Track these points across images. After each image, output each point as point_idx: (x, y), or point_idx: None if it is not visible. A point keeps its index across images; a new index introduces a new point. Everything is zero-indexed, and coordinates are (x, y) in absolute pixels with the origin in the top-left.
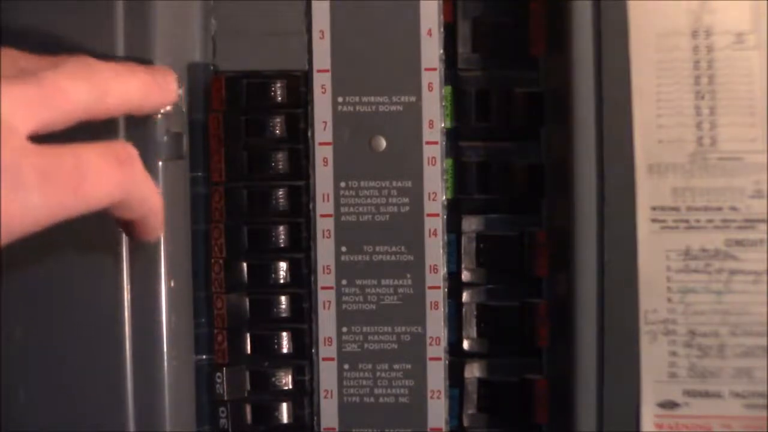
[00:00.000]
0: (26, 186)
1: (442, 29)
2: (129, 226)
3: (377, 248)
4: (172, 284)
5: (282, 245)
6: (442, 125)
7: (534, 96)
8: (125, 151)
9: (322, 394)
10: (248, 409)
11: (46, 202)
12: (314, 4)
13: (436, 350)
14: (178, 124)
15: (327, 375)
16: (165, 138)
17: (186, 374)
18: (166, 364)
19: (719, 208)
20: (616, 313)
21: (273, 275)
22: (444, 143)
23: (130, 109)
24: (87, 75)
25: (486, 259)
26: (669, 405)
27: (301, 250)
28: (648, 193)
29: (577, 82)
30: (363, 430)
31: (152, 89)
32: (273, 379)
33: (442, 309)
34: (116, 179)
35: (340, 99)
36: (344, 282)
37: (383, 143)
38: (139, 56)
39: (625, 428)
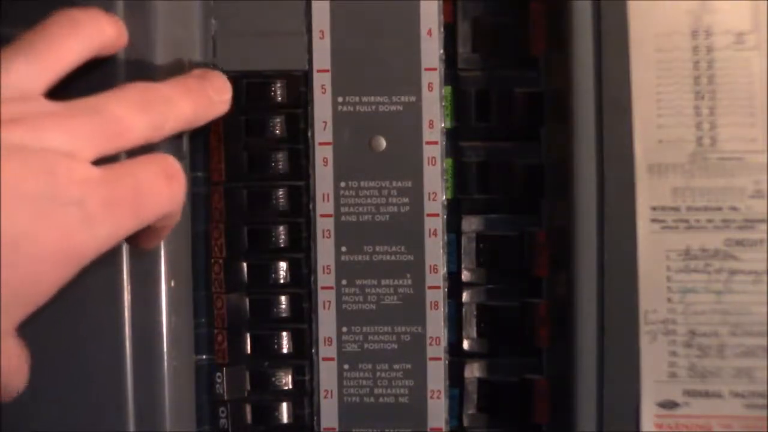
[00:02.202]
0: (93, 219)
1: (442, 29)
2: (143, 235)
3: (377, 248)
4: (172, 284)
5: (282, 245)
6: (442, 125)
7: (534, 96)
8: (173, 166)
9: (322, 394)
10: (248, 409)
11: (111, 230)
12: (314, 4)
13: (436, 350)
14: None
15: (327, 375)
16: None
17: (186, 374)
18: (166, 364)
19: (719, 208)
20: (616, 313)
21: (273, 275)
22: (444, 143)
23: (182, 128)
24: (145, 105)
25: (486, 259)
26: (669, 405)
27: (301, 250)
28: (648, 193)
29: (577, 82)
30: (363, 430)
31: (204, 107)
32: (273, 379)
33: (442, 309)
34: (168, 195)
35: (340, 99)
36: (344, 282)
37: (383, 143)
38: (140, 56)
39: (625, 428)
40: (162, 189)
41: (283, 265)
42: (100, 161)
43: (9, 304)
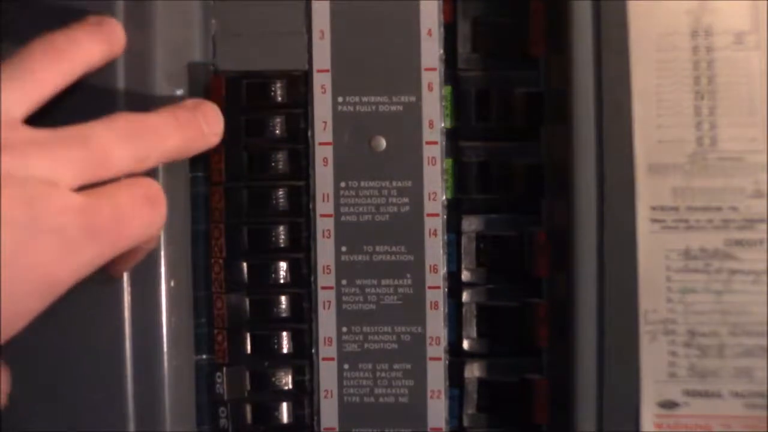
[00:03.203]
0: (73, 247)
1: (442, 29)
2: (116, 259)
3: (377, 248)
4: (172, 284)
5: (282, 245)
6: (442, 125)
7: (534, 96)
8: (155, 190)
9: (322, 394)
10: (248, 409)
11: (91, 256)
12: (314, 4)
13: (436, 350)
14: None
15: (327, 375)
16: None
17: (186, 374)
18: (166, 364)
19: (719, 208)
20: (616, 313)
21: (273, 275)
22: (444, 143)
23: (169, 160)
24: (131, 136)
25: (486, 259)
26: (669, 405)
27: (301, 250)
28: (648, 193)
29: (577, 82)
30: (363, 430)
31: (194, 139)
32: (273, 379)
33: (442, 309)
34: (149, 220)
35: (340, 99)
36: (344, 282)
37: (383, 143)
38: (140, 56)
39: (625, 428)
40: (143, 213)
41: (283, 265)
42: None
43: None
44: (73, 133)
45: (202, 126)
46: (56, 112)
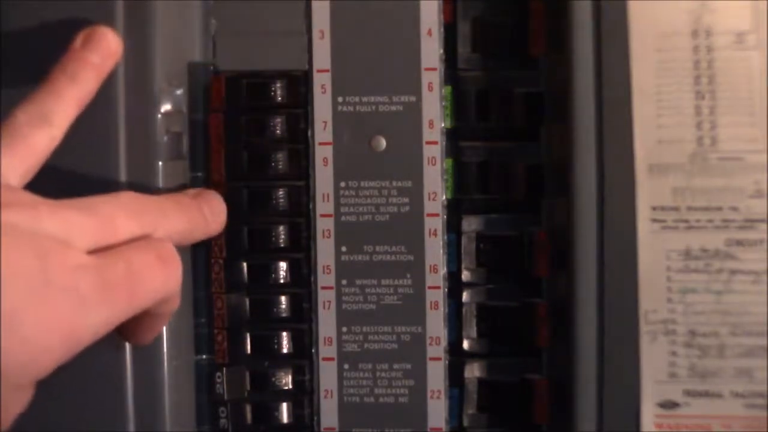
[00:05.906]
0: (88, 305)
1: (442, 29)
2: (141, 325)
3: (377, 248)
4: None
5: (282, 245)
6: (442, 125)
7: (534, 96)
8: (167, 250)
9: (322, 394)
10: (248, 409)
11: (106, 315)
12: (314, 4)
13: (436, 350)
14: (178, 124)
15: (327, 375)
16: (165, 138)
17: (186, 374)
18: (166, 364)
19: (719, 208)
20: (616, 313)
21: (273, 275)
22: (444, 143)
23: (174, 243)
24: (138, 213)
25: (486, 259)
26: (669, 405)
27: (301, 250)
28: (648, 193)
29: (577, 82)
30: (363, 430)
31: (198, 224)
32: (273, 379)
33: (442, 309)
34: (162, 279)
35: (340, 99)
36: (344, 282)
37: (383, 143)
38: (140, 56)
39: (625, 428)
40: (156, 273)
41: (283, 265)
42: None
43: (9, 370)
44: (79, 202)
45: (206, 212)
46: None
